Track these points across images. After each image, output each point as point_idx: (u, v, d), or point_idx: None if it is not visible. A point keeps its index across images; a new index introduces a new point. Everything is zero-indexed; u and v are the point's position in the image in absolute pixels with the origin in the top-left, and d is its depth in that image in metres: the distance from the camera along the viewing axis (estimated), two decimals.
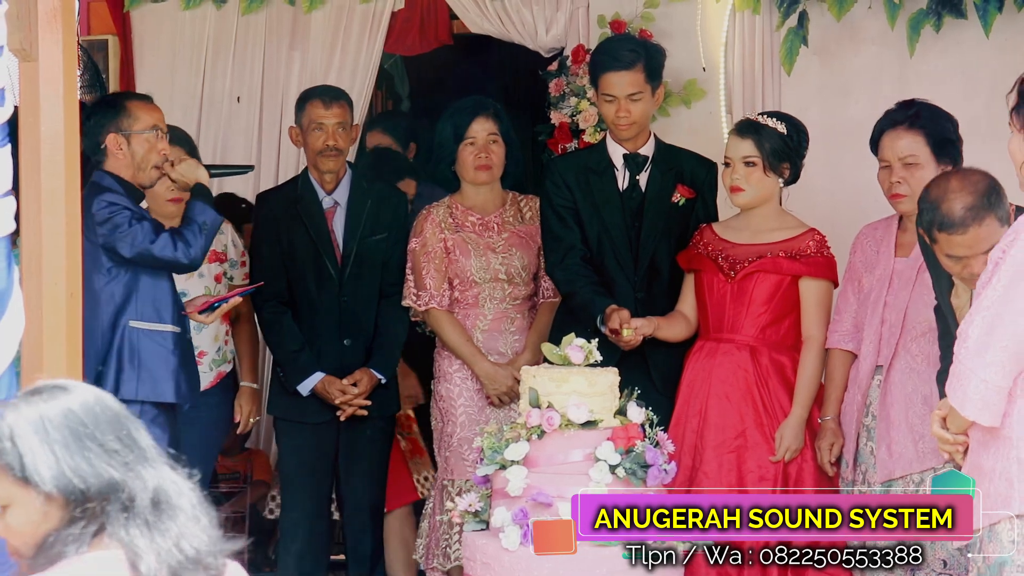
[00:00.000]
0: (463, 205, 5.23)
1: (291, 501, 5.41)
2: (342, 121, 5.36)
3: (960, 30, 5.45)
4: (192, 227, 4.61)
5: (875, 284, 4.72)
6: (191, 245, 4.57)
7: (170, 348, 4.59)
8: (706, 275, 4.87)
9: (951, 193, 3.61)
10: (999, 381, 3.02)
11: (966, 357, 3.04)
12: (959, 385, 3.06)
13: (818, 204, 5.34)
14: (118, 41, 6.86)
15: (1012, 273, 3.00)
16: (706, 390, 4.80)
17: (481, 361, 5.09)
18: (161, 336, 4.57)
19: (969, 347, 3.04)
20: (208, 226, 4.65)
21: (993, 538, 3.09)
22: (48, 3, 3.09)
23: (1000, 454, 3.07)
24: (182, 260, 4.58)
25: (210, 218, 4.67)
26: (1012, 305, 2.99)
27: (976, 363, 3.02)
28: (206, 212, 4.67)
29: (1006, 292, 3.00)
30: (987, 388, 3.02)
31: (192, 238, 4.58)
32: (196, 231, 4.60)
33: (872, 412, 4.65)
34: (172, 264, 4.59)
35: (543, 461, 4.08)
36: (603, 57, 4.98)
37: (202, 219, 4.63)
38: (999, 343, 3.00)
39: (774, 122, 4.83)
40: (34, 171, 3.08)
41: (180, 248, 4.55)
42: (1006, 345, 3.00)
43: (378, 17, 6.40)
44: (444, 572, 5.13)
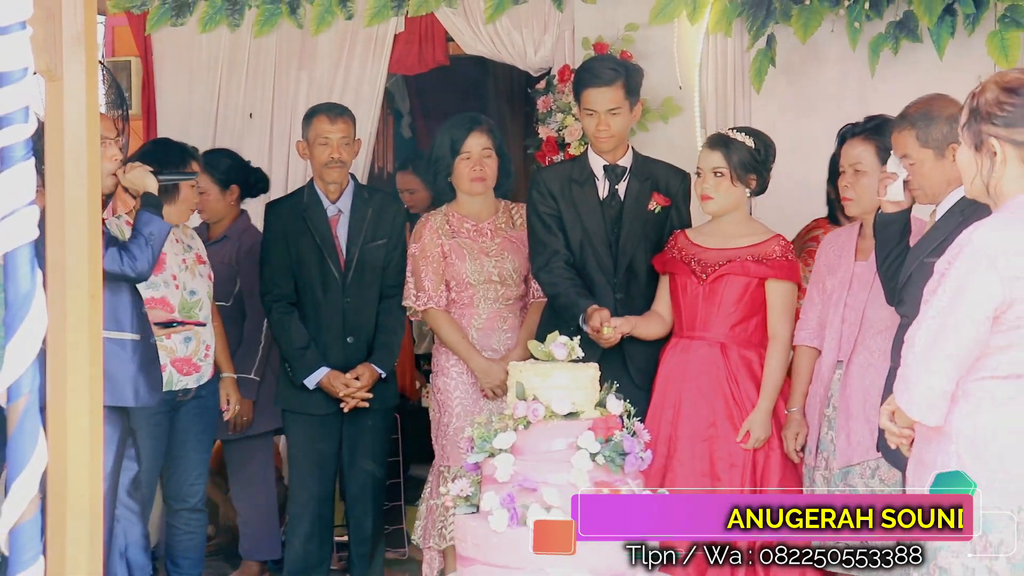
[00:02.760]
0: (459, 213, 5.24)
1: (299, 486, 5.42)
2: (346, 136, 5.37)
3: (916, 52, 5.47)
4: (139, 240, 4.48)
5: (836, 286, 4.73)
6: (136, 258, 4.45)
7: (127, 356, 4.49)
8: (680, 277, 4.87)
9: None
10: (943, 386, 3.02)
11: (913, 363, 3.04)
12: (906, 388, 3.06)
13: (785, 211, 5.35)
14: (140, 62, 6.88)
15: (956, 286, 3.00)
16: (680, 384, 4.81)
17: (476, 357, 5.10)
18: (120, 344, 4.46)
19: (916, 353, 3.04)
20: (155, 236, 4.51)
21: None
22: (72, 28, 3.10)
23: (941, 448, 3.07)
24: (128, 273, 4.47)
25: (156, 228, 4.53)
26: (956, 316, 2.99)
27: (922, 369, 3.02)
28: (152, 222, 4.53)
29: (951, 303, 2.99)
30: (932, 392, 3.02)
31: (138, 251, 4.46)
32: (143, 244, 4.47)
33: (833, 404, 4.66)
34: (120, 277, 4.45)
35: (529, 449, 4.08)
36: (585, 74, 4.99)
37: (148, 230, 4.50)
38: (944, 351, 3.00)
39: (743, 136, 4.84)
40: (58, 182, 3.09)
41: (127, 262, 4.44)
42: (951, 354, 3.00)
43: (381, 39, 6.40)
44: (439, 550, 5.15)
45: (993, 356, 3.02)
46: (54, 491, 2.96)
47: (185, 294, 5.17)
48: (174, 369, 5.11)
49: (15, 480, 2.50)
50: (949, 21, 5.36)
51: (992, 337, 3.00)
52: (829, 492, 4.64)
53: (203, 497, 5.34)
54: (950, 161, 4.07)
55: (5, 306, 2.51)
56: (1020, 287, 2.97)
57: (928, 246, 4.04)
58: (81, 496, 3.01)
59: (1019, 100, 3.03)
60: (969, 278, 2.98)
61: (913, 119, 4.14)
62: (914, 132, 4.11)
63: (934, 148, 4.09)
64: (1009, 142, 3.04)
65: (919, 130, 4.10)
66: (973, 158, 3.08)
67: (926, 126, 4.09)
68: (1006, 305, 2.98)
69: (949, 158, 4.07)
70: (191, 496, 5.28)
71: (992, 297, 2.97)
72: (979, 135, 3.06)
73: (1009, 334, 3.00)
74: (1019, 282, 2.97)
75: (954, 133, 4.03)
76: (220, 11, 6.56)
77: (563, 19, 6.06)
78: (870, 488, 4.56)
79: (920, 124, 4.10)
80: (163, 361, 4.88)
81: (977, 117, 3.06)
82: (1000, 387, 3.04)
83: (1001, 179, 3.06)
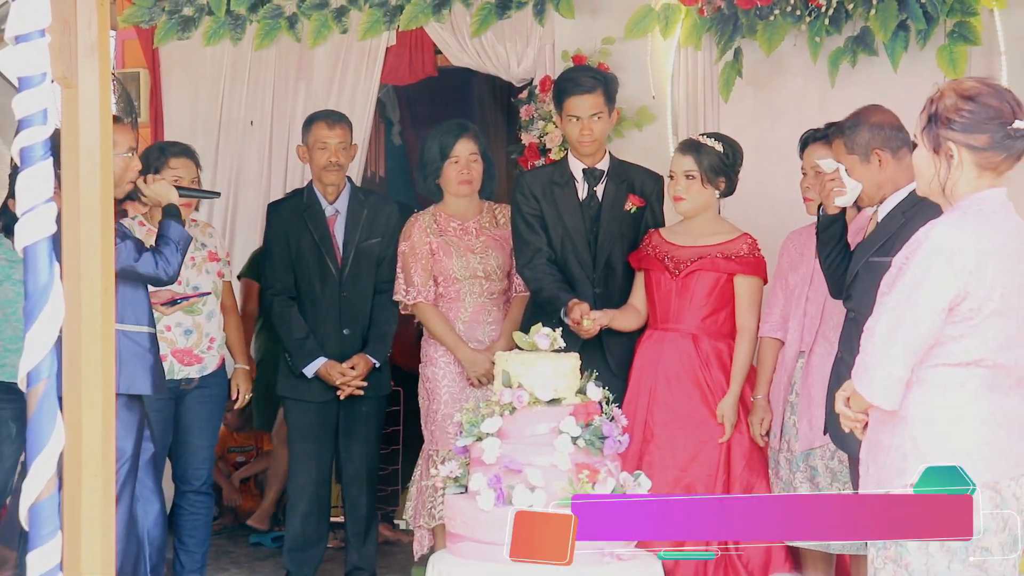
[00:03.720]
0: (446, 213, 5.23)
1: (297, 469, 5.40)
2: (343, 141, 5.36)
3: (872, 65, 5.47)
4: (170, 246, 4.49)
5: (799, 282, 4.75)
6: (170, 263, 4.47)
7: (147, 347, 4.47)
8: (654, 273, 4.88)
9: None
10: (901, 372, 3.03)
11: (873, 350, 3.04)
12: (865, 375, 3.06)
13: (751, 212, 5.35)
14: (148, 73, 6.86)
15: (915, 279, 3.00)
16: (654, 373, 4.81)
17: (462, 348, 5.10)
18: (139, 337, 4.45)
19: (875, 342, 3.04)
20: (182, 243, 4.53)
21: None
22: (87, 39, 3.08)
23: (897, 431, 3.07)
24: (162, 276, 4.47)
25: (183, 237, 4.55)
26: (914, 307, 2.99)
27: (881, 356, 3.02)
28: (178, 230, 4.54)
29: (910, 295, 3.00)
30: (891, 378, 3.03)
31: (171, 256, 4.47)
32: (173, 249, 4.49)
33: (796, 391, 4.67)
34: (153, 279, 4.47)
35: (514, 433, 4.08)
36: (567, 83, 4.98)
37: (177, 237, 4.52)
38: (902, 340, 3.00)
39: (712, 141, 4.85)
40: (74, 183, 3.07)
41: (161, 265, 4.45)
42: (909, 342, 3.00)
43: (374, 52, 6.39)
44: (429, 529, 5.14)
45: (946, 345, 3.03)
46: (70, 471, 2.94)
47: (188, 290, 5.15)
48: (175, 359, 5.10)
49: (34, 460, 2.49)
50: (903, 36, 5.37)
51: (946, 327, 3.01)
52: (792, 473, 4.65)
53: (208, 480, 5.32)
54: (876, 166, 4.08)
55: (25, 296, 2.50)
56: (973, 281, 2.98)
57: (873, 245, 4.05)
58: (95, 476, 2.99)
59: (976, 107, 3.03)
60: (927, 272, 2.99)
61: (843, 127, 4.16)
62: (842, 140, 4.13)
63: (859, 154, 4.09)
64: (965, 146, 3.05)
65: (846, 137, 4.12)
66: (931, 160, 3.09)
67: (852, 133, 4.10)
68: (960, 298, 2.99)
69: (875, 163, 4.08)
70: (196, 479, 5.26)
71: (948, 290, 2.98)
72: (937, 139, 3.06)
73: (961, 324, 3.01)
74: (972, 276, 2.98)
75: (877, 139, 4.05)
76: (223, 26, 6.54)
77: (544, 33, 6.05)
78: (830, 468, 4.58)
79: (848, 131, 4.12)
80: (163, 351, 4.87)
81: (936, 122, 3.06)
82: (952, 374, 3.04)
83: (957, 181, 3.07)
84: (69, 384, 2.98)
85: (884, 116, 4.11)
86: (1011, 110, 3.04)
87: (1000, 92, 3.08)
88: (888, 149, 4.05)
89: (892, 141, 4.04)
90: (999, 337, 3.03)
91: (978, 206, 3.05)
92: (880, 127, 4.08)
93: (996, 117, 3.03)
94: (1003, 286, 3.01)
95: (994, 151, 3.04)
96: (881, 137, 4.06)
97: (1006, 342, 3.04)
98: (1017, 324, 3.05)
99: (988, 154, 3.04)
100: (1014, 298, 3.03)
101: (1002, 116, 3.03)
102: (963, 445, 3.03)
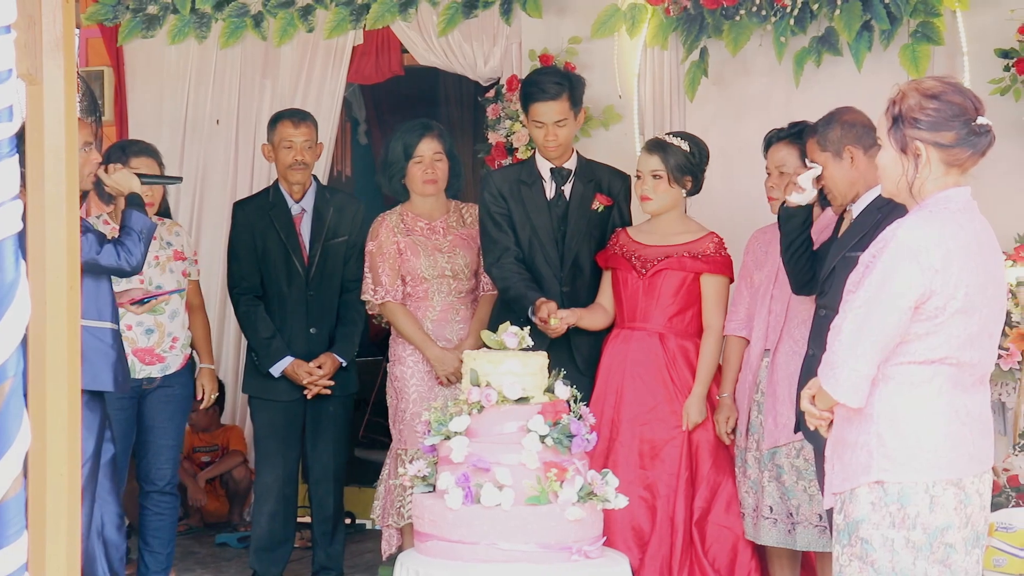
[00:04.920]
0: (413, 212, 5.22)
1: (264, 469, 5.38)
2: (309, 139, 5.34)
3: (836, 65, 5.50)
4: (132, 236, 4.45)
5: (763, 280, 4.76)
6: (132, 253, 4.43)
7: (109, 343, 4.44)
8: (621, 272, 4.88)
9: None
10: (867, 370, 3.04)
11: (840, 348, 3.05)
12: (832, 373, 3.07)
13: (717, 211, 5.37)
14: (113, 72, 6.82)
15: (882, 277, 3.02)
16: (622, 371, 4.82)
17: (431, 346, 5.08)
18: (101, 332, 4.42)
19: (843, 340, 3.05)
20: (145, 232, 4.49)
21: (853, 500, 3.09)
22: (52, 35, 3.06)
23: (862, 429, 3.09)
24: (125, 267, 4.44)
25: (146, 225, 4.50)
26: (881, 305, 3.01)
27: (848, 354, 3.03)
28: (141, 220, 4.50)
29: (876, 294, 3.01)
30: (857, 376, 3.04)
31: (133, 246, 4.44)
32: (136, 239, 4.45)
33: (762, 389, 4.68)
34: (116, 271, 4.44)
35: (482, 432, 4.07)
36: (532, 88, 4.97)
37: (139, 226, 4.47)
38: (869, 338, 3.01)
39: (679, 141, 4.85)
40: (39, 180, 3.04)
41: (123, 256, 4.42)
42: (875, 340, 3.02)
43: (340, 51, 6.38)
44: (397, 528, 5.13)
45: (912, 343, 3.05)
46: (35, 470, 2.91)
47: (152, 288, 5.11)
48: (136, 358, 5.06)
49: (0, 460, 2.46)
50: (867, 36, 5.40)
51: (912, 325, 3.03)
52: (760, 472, 4.66)
53: (173, 480, 5.28)
54: (848, 163, 4.12)
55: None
56: (939, 279, 3.00)
57: (849, 241, 4.07)
58: (60, 475, 2.96)
59: (941, 105, 3.06)
60: (894, 270, 3.00)
61: (816, 127, 4.22)
62: (815, 137, 4.18)
63: (832, 151, 4.14)
64: (933, 144, 3.07)
65: (820, 135, 4.18)
66: (898, 160, 3.10)
67: (825, 131, 4.16)
68: (926, 296, 3.01)
69: (847, 160, 4.12)
70: (160, 479, 5.21)
71: (914, 288, 3.00)
72: (904, 139, 3.09)
73: (927, 323, 3.03)
74: (938, 275, 3.00)
75: (849, 136, 4.10)
76: (188, 24, 6.51)
77: (511, 32, 6.05)
78: (795, 467, 4.59)
79: (821, 129, 4.18)
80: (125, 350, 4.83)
81: (902, 122, 3.09)
82: (917, 371, 3.06)
83: (925, 179, 3.09)
84: (34, 382, 2.95)
85: (856, 115, 4.17)
86: (973, 106, 3.08)
87: (961, 89, 3.11)
88: (860, 147, 4.10)
89: (864, 139, 4.08)
90: (962, 335, 3.05)
91: (944, 204, 3.07)
92: (852, 125, 4.14)
93: (961, 114, 3.06)
94: (967, 285, 3.03)
95: (960, 148, 3.07)
96: (853, 135, 4.12)
97: (969, 340, 3.06)
98: (980, 323, 3.07)
99: (955, 151, 3.07)
100: (978, 297, 3.05)
101: (966, 113, 3.06)
102: (928, 442, 3.05)
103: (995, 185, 4.24)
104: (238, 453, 6.63)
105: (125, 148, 5.20)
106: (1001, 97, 5.12)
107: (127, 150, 5.16)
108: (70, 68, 3.11)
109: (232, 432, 6.72)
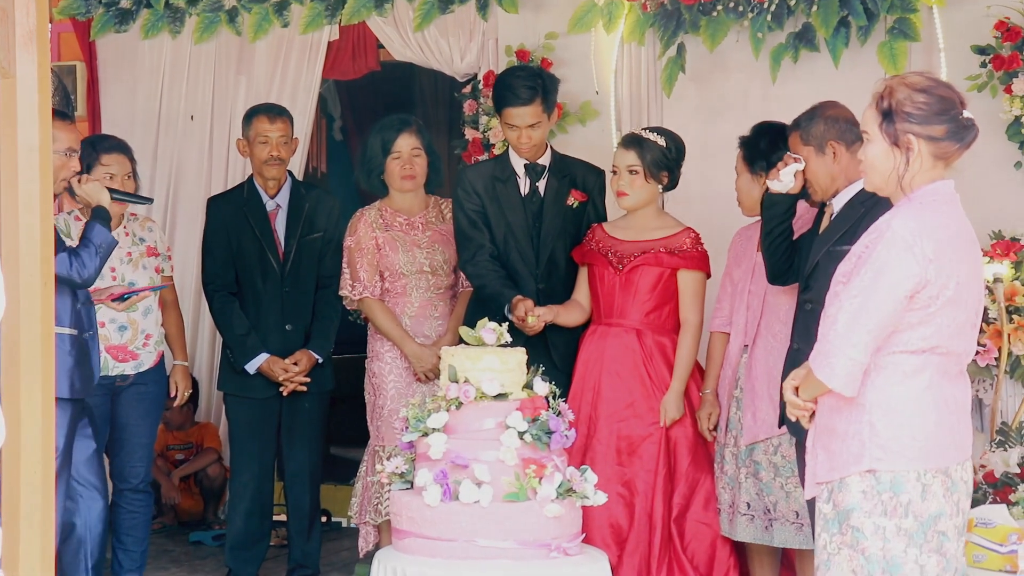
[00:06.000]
0: (391, 208, 5.21)
1: (240, 466, 5.35)
2: (284, 135, 5.32)
3: (813, 61, 5.51)
4: (90, 248, 4.36)
5: (741, 276, 4.76)
6: (86, 265, 4.34)
7: (67, 349, 4.34)
8: (598, 268, 4.88)
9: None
10: (862, 358, 3.07)
11: (834, 337, 3.08)
12: (826, 361, 3.09)
13: (694, 206, 5.37)
14: (85, 66, 6.77)
15: (877, 268, 3.05)
16: (599, 368, 4.81)
17: (409, 343, 5.07)
18: (59, 338, 4.25)
19: (838, 329, 3.07)
20: (104, 248, 4.40)
21: (843, 489, 3.12)
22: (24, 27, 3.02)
23: (853, 418, 3.11)
24: (75, 279, 4.34)
25: (106, 241, 4.41)
26: (877, 295, 3.04)
27: (843, 343, 3.06)
28: (103, 235, 4.41)
29: (872, 283, 3.05)
30: (852, 364, 3.06)
31: (88, 259, 4.34)
32: (92, 252, 4.36)
33: (740, 385, 4.68)
34: (67, 281, 4.31)
35: (460, 428, 4.06)
36: (505, 92, 4.93)
37: (99, 241, 4.38)
38: (865, 327, 3.04)
39: (655, 136, 4.85)
40: (12, 176, 3.01)
41: (75, 267, 4.32)
42: (870, 329, 3.05)
43: (315, 46, 6.35)
44: (375, 525, 5.12)
45: (904, 333, 3.09)
46: (9, 467, 2.89)
47: (125, 284, 5.06)
48: (109, 355, 5.01)
49: None
50: (844, 32, 5.41)
51: (905, 315, 3.07)
52: (737, 468, 4.67)
53: (147, 478, 5.24)
54: (830, 157, 4.14)
55: None
56: (933, 269, 3.05)
57: (833, 235, 4.08)
58: (33, 472, 2.93)
59: (930, 99, 3.11)
60: (889, 261, 3.04)
61: (799, 121, 4.24)
62: (798, 132, 4.20)
63: (815, 145, 4.16)
64: (924, 138, 3.12)
65: (802, 129, 4.20)
66: (889, 153, 3.14)
67: (808, 125, 4.19)
68: (920, 286, 3.05)
69: (829, 155, 4.14)
70: (133, 477, 5.17)
71: (909, 278, 3.04)
72: (896, 132, 3.13)
73: (920, 312, 3.07)
74: (932, 264, 3.05)
75: (832, 131, 4.13)
76: (162, 19, 6.48)
77: (487, 28, 6.04)
78: (773, 463, 4.60)
79: (803, 124, 4.20)
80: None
81: (892, 117, 3.12)
82: (909, 360, 3.10)
83: (916, 173, 3.13)
84: (8, 380, 2.92)
85: (840, 111, 4.20)
86: (959, 100, 3.13)
87: (945, 84, 3.18)
88: (843, 142, 4.13)
89: (847, 134, 4.11)
90: (952, 325, 3.10)
91: (931, 196, 3.13)
92: (835, 120, 4.16)
93: (950, 108, 3.12)
94: (958, 275, 3.09)
95: (949, 141, 3.12)
96: (836, 130, 4.14)
97: (958, 330, 3.12)
98: (967, 313, 3.13)
99: (944, 144, 3.12)
100: (965, 287, 3.11)
101: (954, 106, 3.12)
102: (920, 432, 3.09)
103: (972, 181, 4.27)
104: (212, 451, 6.60)
105: (96, 145, 5.11)
106: (978, 93, 5.15)
107: (98, 146, 5.08)
108: (44, 62, 3.07)
109: (206, 430, 6.69)
